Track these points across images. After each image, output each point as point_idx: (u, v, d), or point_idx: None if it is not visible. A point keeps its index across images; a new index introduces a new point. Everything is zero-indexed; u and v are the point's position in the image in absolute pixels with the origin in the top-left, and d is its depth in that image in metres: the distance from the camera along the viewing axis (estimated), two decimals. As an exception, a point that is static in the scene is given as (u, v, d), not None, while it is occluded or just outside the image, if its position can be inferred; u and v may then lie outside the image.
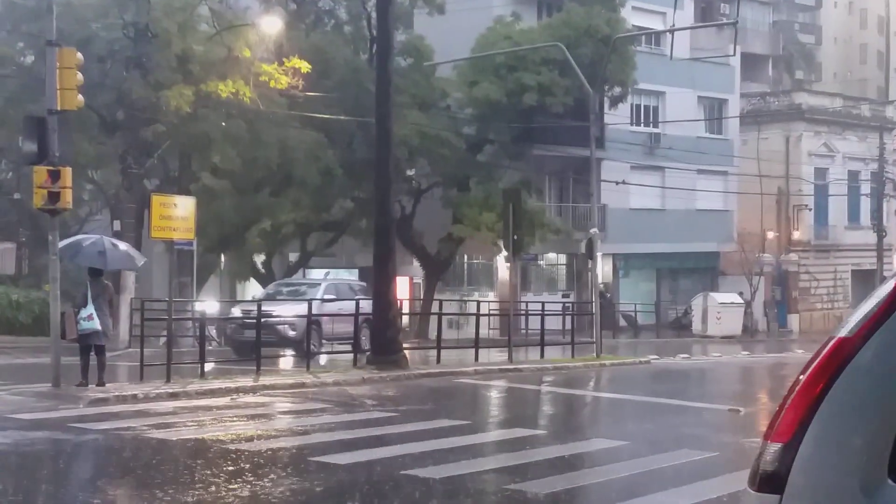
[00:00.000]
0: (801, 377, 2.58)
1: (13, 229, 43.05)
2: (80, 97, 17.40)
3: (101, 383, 17.04)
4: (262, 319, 22.17)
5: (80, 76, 17.32)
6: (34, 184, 17.14)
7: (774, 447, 2.55)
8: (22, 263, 42.85)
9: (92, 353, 17.18)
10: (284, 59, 31.54)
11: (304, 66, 31.01)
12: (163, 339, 21.37)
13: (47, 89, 17.28)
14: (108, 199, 39.34)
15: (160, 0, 32.45)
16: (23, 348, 28.37)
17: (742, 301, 44.23)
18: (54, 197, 16.86)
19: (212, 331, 28.83)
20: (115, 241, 20.37)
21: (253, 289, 40.71)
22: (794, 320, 48.87)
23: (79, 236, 20.21)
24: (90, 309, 16.98)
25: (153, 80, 31.78)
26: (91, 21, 32.81)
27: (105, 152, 34.32)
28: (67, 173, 17.03)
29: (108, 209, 39.30)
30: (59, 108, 17.07)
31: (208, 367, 20.42)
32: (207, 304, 28.55)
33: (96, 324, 16.94)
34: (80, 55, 17.61)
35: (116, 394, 16.37)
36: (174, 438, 12.38)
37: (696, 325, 43.19)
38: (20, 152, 21.60)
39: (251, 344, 22.25)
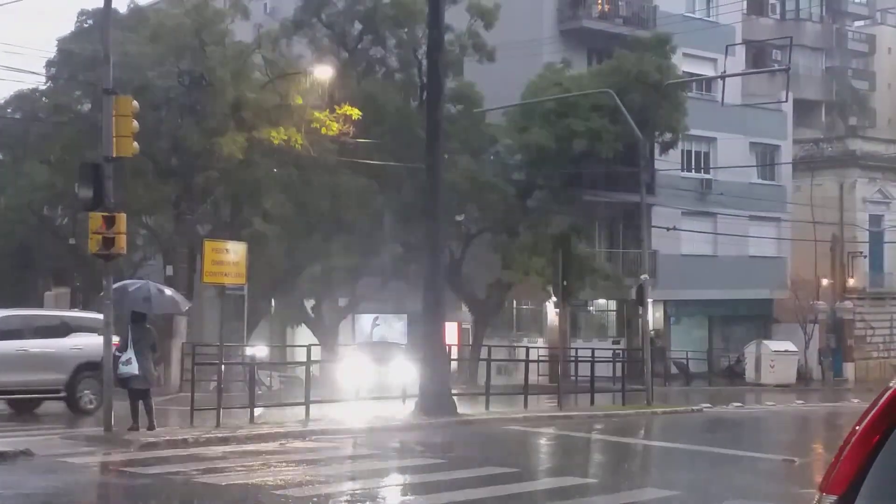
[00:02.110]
0: (857, 428, 2.54)
1: (68, 274, 43.66)
2: (136, 144, 17.66)
3: (151, 427, 17.16)
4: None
5: (135, 123, 17.58)
6: (89, 229, 17.39)
7: (829, 499, 2.51)
8: (76, 307, 43.38)
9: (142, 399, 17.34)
10: (336, 106, 31.89)
11: (355, 113, 31.34)
12: (213, 384, 21.48)
13: (103, 136, 17.56)
14: (161, 244, 39.82)
15: (215, 49, 33.05)
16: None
17: (796, 349, 43.61)
18: (109, 242, 17.07)
19: (262, 375, 28.94)
20: (160, 286, 20.61)
21: (303, 334, 40.88)
22: (849, 369, 48.04)
23: (125, 281, 20.46)
24: (130, 353, 17.19)
25: (207, 127, 32.27)
26: (147, 69, 33.39)
27: (159, 198, 34.78)
28: (122, 219, 17.25)
29: (161, 254, 39.76)
30: (114, 155, 17.33)
31: (258, 411, 20.47)
32: (257, 349, 28.68)
33: (135, 368, 17.09)
34: (135, 103, 17.90)
35: (167, 438, 16.46)
36: (223, 483, 12.40)
37: (750, 374, 42.61)
38: (76, 198, 21.91)
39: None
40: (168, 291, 19.85)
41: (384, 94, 36.60)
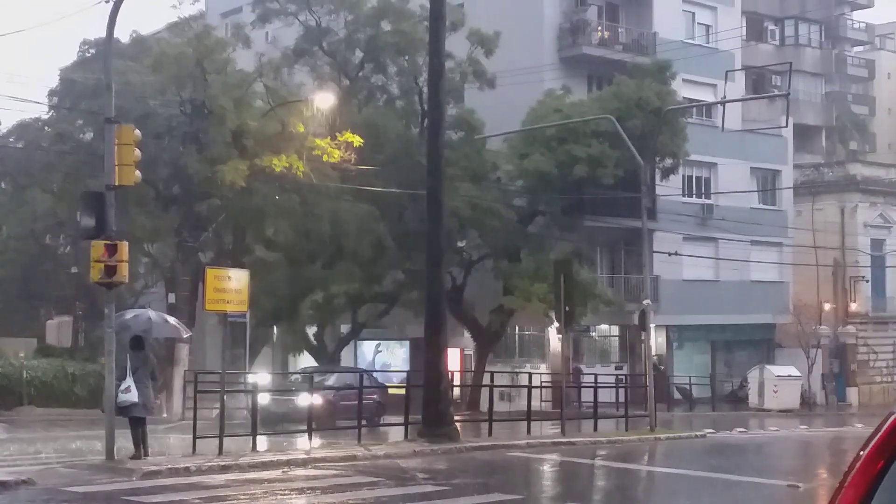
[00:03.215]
0: (861, 453, 2.53)
1: (70, 302, 43.66)
2: (138, 172, 17.69)
3: (145, 454, 17.12)
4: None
5: (137, 152, 17.63)
6: (91, 257, 17.39)
7: (835, 525, 2.49)
8: (78, 336, 43.35)
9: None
10: (337, 134, 32.01)
11: (357, 140, 31.45)
12: (215, 411, 21.43)
13: (105, 165, 17.61)
14: (163, 272, 39.87)
15: (217, 78, 33.21)
16: (78, 421, 28.58)
17: (799, 374, 43.49)
18: (111, 270, 17.07)
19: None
20: (159, 313, 20.65)
21: (306, 361, 40.84)
22: (852, 394, 47.90)
23: (123, 312, 20.50)
24: (129, 381, 17.19)
25: (209, 155, 32.37)
26: (149, 98, 33.55)
27: (161, 226, 34.84)
28: (124, 247, 17.26)
29: (164, 282, 39.80)
30: (116, 184, 17.37)
31: (260, 439, 20.41)
32: (260, 377, 28.67)
33: (134, 396, 17.09)
34: (137, 132, 17.96)
35: (169, 466, 16.40)
36: (225, 512, 12.35)
37: (753, 399, 42.47)
38: (78, 226, 21.95)
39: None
40: (169, 319, 19.91)
41: (385, 121, 36.72)
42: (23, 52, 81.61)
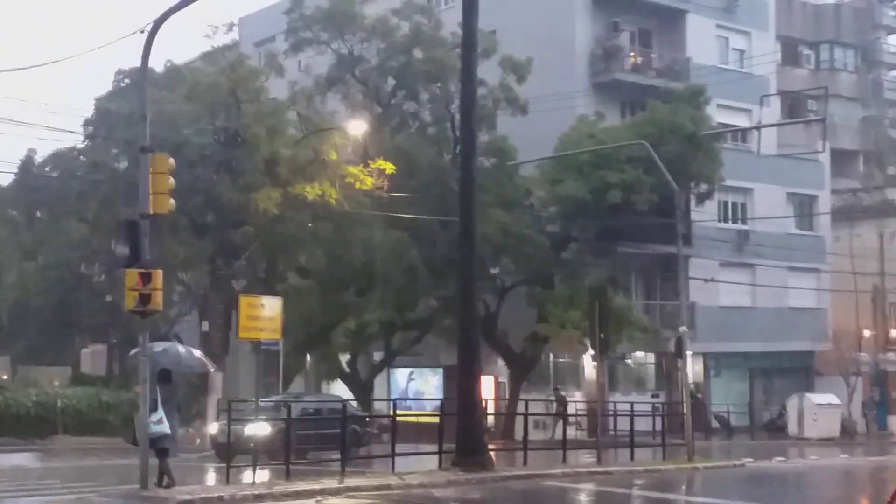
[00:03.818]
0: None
1: (104, 331, 43.97)
2: (172, 201, 17.80)
3: (171, 483, 17.12)
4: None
5: (171, 181, 17.75)
6: (126, 286, 17.49)
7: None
8: (112, 365, 43.63)
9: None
10: (370, 161, 32.17)
11: (389, 168, 31.59)
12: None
13: (140, 194, 17.73)
14: (197, 300, 40.07)
15: (250, 106, 33.47)
16: (112, 449, 28.71)
17: (839, 402, 42.97)
18: (145, 299, 17.16)
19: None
20: (187, 347, 20.81)
21: (339, 389, 40.83)
22: (893, 422, 47.17)
23: (153, 344, 20.61)
24: (160, 413, 17.30)
25: (242, 183, 32.59)
26: (183, 127, 33.82)
27: (195, 254, 35.05)
28: (158, 275, 17.35)
29: (197, 310, 39.99)
30: (151, 212, 17.49)
31: (294, 467, 20.38)
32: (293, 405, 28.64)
33: (166, 427, 17.23)
34: (171, 160, 18.08)
35: (203, 496, 16.42)
36: (259, 541, 12.32)
37: (792, 427, 41.97)
38: (113, 255, 22.18)
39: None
40: (195, 352, 20.09)
41: (417, 148, 36.83)
42: (58, 82, 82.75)
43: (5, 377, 41.56)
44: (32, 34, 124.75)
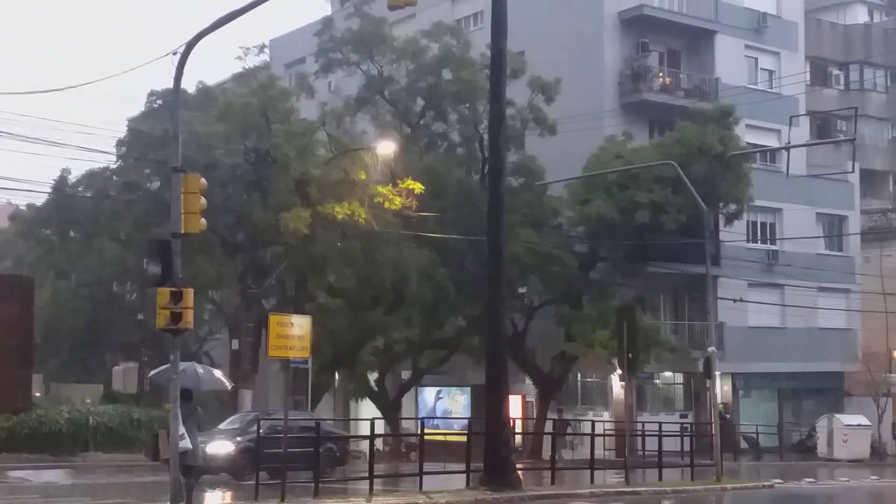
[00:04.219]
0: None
1: (136, 349, 44.24)
2: (203, 220, 17.89)
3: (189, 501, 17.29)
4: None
5: (203, 200, 17.85)
6: (157, 304, 17.59)
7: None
8: (143, 382, 43.87)
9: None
10: (398, 181, 32.30)
11: (418, 188, 31.73)
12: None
13: (172, 213, 17.85)
14: (227, 318, 40.30)
15: (281, 127, 33.70)
16: (143, 466, 28.84)
17: (869, 423, 42.60)
18: (176, 317, 17.27)
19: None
20: (205, 367, 21.21)
21: (367, 407, 40.88)
22: (924, 443, 46.71)
23: (184, 366, 20.86)
24: (182, 430, 17.32)
25: (272, 203, 32.79)
26: (215, 148, 34.11)
27: (225, 273, 35.28)
28: (189, 294, 17.44)
29: (227, 328, 40.20)
30: (182, 232, 17.61)
31: (322, 485, 20.42)
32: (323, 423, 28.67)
33: (188, 443, 17.32)
34: (203, 180, 18.17)
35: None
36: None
37: (822, 448, 41.64)
38: (144, 274, 22.36)
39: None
40: (215, 371, 20.49)
41: (446, 168, 36.95)
42: (92, 104, 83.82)
43: (38, 395, 41.90)
44: (66, 56, 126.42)
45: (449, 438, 31.69)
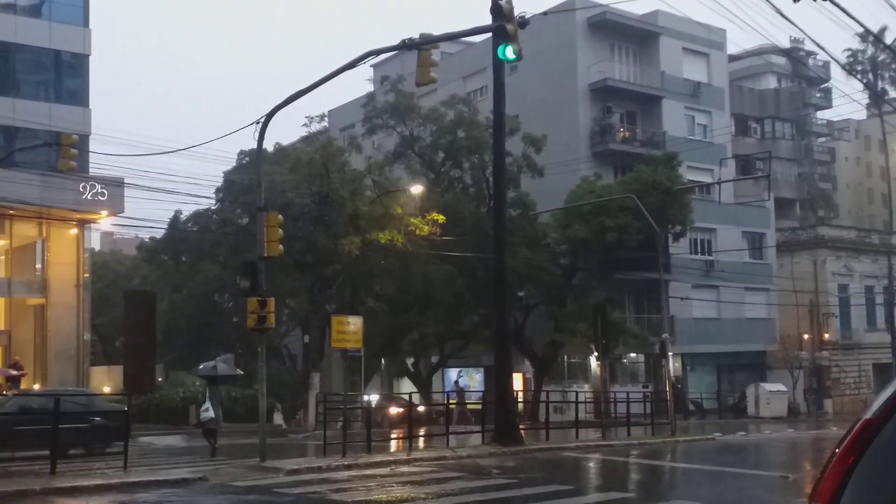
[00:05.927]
0: (837, 450, 2.47)
1: (232, 344, 44.35)
2: (280, 247, 18.04)
3: (213, 454, 19.44)
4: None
5: (280, 232, 17.99)
6: (248, 310, 17.71)
7: (818, 506, 2.43)
8: (238, 368, 43.88)
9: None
10: (426, 214, 32.30)
11: (441, 218, 31.74)
12: (339, 423, 21.50)
13: (257, 242, 17.99)
14: (299, 319, 40.33)
15: (337, 175, 33.80)
16: (239, 432, 28.88)
17: (786, 389, 42.21)
18: (262, 320, 17.37)
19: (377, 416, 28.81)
20: (226, 359, 24.27)
21: (406, 385, 40.78)
22: (828, 404, 46.25)
23: (209, 363, 23.75)
24: (207, 404, 19.68)
25: (332, 232, 32.85)
26: (288, 192, 34.22)
27: (297, 285, 35.33)
28: (271, 302, 17.57)
29: (300, 327, 40.23)
30: (265, 255, 17.73)
31: (373, 444, 20.35)
32: (372, 397, 28.64)
33: (210, 413, 19.55)
34: (280, 217, 18.35)
35: (307, 466, 16.46)
36: (349, 500, 12.32)
37: (750, 409, 41.29)
38: (238, 287, 22.41)
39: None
40: (231, 364, 23.77)
41: (461, 203, 36.97)
42: (196, 162, 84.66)
43: (160, 379, 42.01)
44: (179, 125, 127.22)
45: (469, 407, 31.55)
